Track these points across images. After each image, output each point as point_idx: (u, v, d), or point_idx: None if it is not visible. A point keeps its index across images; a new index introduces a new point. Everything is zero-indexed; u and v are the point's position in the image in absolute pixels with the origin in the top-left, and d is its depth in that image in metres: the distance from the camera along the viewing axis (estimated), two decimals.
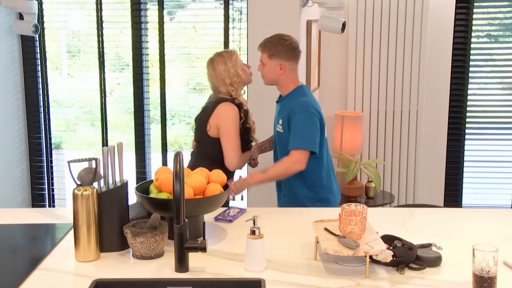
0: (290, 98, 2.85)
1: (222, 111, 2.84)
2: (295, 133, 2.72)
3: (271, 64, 2.82)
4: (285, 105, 2.84)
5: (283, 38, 2.83)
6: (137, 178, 4.59)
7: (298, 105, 2.76)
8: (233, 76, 2.87)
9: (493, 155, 4.48)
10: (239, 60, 2.94)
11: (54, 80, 4.76)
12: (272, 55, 2.80)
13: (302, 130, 2.71)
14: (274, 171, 2.75)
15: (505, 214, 2.42)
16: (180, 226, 1.73)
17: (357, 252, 1.73)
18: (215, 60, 2.92)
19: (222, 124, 2.83)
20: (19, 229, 2.24)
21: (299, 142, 2.70)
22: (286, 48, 2.81)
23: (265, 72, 2.86)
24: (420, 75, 4.15)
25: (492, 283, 1.56)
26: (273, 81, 2.88)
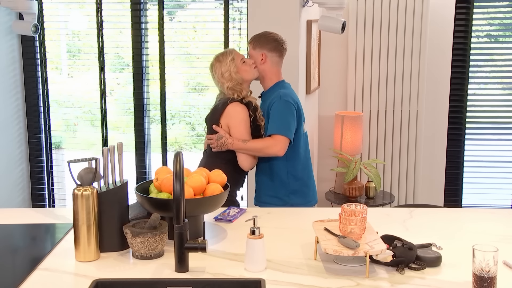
0: (271, 91, 2.95)
1: (232, 111, 2.84)
2: (273, 120, 2.82)
3: (254, 55, 2.93)
4: (267, 98, 2.94)
5: (269, 32, 2.98)
6: (137, 178, 4.59)
7: (277, 95, 2.88)
8: (228, 80, 2.87)
9: (493, 155, 4.48)
10: (236, 60, 2.90)
11: (54, 80, 4.76)
12: (256, 46, 2.93)
13: (279, 117, 2.82)
14: (253, 144, 2.80)
15: (505, 214, 2.42)
16: (180, 226, 1.73)
17: (357, 252, 1.73)
18: (214, 65, 2.93)
19: (233, 124, 2.83)
20: (19, 229, 2.24)
21: (276, 128, 2.81)
22: (269, 39, 2.94)
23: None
24: (420, 75, 4.15)
25: (492, 283, 1.56)
26: (260, 75, 2.96)
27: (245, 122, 2.83)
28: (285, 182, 2.94)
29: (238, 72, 2.88)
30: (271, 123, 2.83)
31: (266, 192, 2.99)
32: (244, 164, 2.86)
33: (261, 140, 2.84)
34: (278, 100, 2.85)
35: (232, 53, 2.92)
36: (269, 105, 2.87)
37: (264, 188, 3.00)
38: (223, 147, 2.80)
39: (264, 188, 3.00)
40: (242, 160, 2.86)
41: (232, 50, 2.94)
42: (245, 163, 2.86)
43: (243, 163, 2.86)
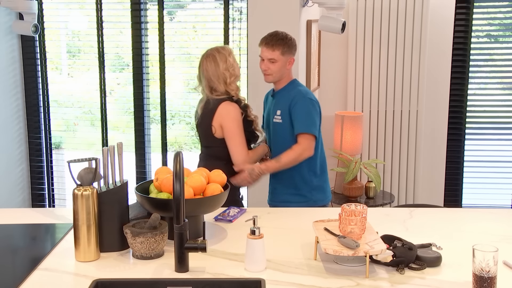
0: (286, 90, 2.94)
1: (223, 111, 2.82)
2: (300, 119, 2.83)
3: (283, 61, 2.89)
4: (283, 97, 2.93)
5: (287, 35, 2.93)
6: (137, 178, 4.59)
7: (299, 93, 2.89)
8: (231, 76, 2.86)
9: (493, 155, 4.48)
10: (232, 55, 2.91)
11: (54, 80, 4.76)
12: (285, 52, 2.88)
13: (306, 116, 2.84)
14: (287, 158, 2.82)
15: (505, 214, 2.42)
16: (180, 226, 1.73)
17: (357, 252, 1.73)
18: (217, 57, 2.85)
19: (225, 124, 2.82)
20: (19, 229, 2.24)
21: (304, 126, 2.83)
22: (294, 43, 2.93)
23: (275, 69, 2.89)
24: (420, 75, 4.15)
25: (492, 283, 1.56)
26: (280, 77, 2.93)
27: (237, 121, 2.82)
28: (307, 179, 2.94)
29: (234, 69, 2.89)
30: (298, 122, 2.84)
31: (286, 190, 2.97)
32: (237, 162, 2.82)
33: (290, 150, 2.82)
34: (302, 98, 2.86)
35: (230, 49, 2.92)
36: (290, 104, 2.86)
37: (284, 186, 2.98)
38: (258, 177, 2.82)
39: (284, 187, 2.98)
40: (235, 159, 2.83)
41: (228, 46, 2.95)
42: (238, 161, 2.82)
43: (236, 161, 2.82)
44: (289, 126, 2.88)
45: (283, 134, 2.91)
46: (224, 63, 2.85)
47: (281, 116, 2.91)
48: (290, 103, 2.86)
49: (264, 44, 2.90)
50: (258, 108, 3.69)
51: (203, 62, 2.87)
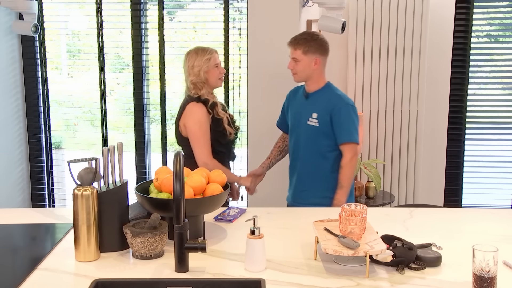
0: (323, 93, 2.94)
1: (188, 112, 2.89)
2: (344, 127, 2.86)
3: (306, 60, 2.89)
4: (320, 100, 2.92)
5: (315, 34, 2.94)
6: (137, 178, 4.59)
7: (340, 100, 2.89)
8: (193, 75, 2.89)
9: (493, 155, 4.48)
10: (211, 61, 2.92)
11: (54, 80, 4.76)
12: (307, 51, 2.88)
13: (350, 124, 2.87)
14: (347, 178, 2.87)
15: (505, 214, 2.42)
16: (180, 226, 1.73)
17: (357, 252, 1.73)
18: (189, 54, 2.95)
19: (188, 124, 2.89)
20: (19, 229, 2.24)
21: (349, 135, 2.86)
22: (320, 43, 2.91)
23: (299, 69, 2.91)
24: (420, 75, 4.15)
25: (492, 283, 1.56)
26: (307, 77, 2.93)
27: (199, 122, 2.86)
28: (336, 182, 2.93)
29: (207, 73, 2.90)
30: (342, 131, 2.85)
31: (316, 193, 2.96)
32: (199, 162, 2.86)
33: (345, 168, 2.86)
34: (346, 105, 2.87)
35: (212, 53, 2.93)
36: (332, 109, 2.85)
37: (314, 189, 2.97)
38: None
39: (314, 190, 2.97)
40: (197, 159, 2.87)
41: (213, 51, 2.96)
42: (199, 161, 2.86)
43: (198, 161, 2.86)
44: (325, 131, 2.88)
45: (317, 138, 2.91)
46: (193, 61, 2.90)
47: (318, 120, 2.89)
48: (332, 110, 2.86)
49: (289, 43, 2.94)
50: (257, 107, 3.69)
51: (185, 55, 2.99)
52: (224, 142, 2.95)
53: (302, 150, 2.97)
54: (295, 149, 3.02)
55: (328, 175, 2.93)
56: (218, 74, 2.94)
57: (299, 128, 2.98)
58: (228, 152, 3.01)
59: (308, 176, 2.98)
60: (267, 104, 3.66)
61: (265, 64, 3.61)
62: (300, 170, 3.00)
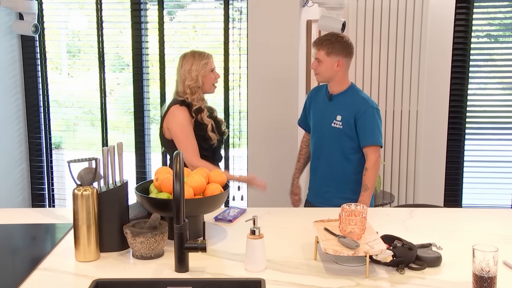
0: (348, 95, 2.94)
1: (170, 115, 2.88)
2: (368, 130, 2.87)
3: (328, 61, 2.89)
4: (345, 103, 2.92)
5: (340, 35, 2.93)
6: (137, 178, 4.59)
7: (365, 102, 2.90)
8: (191, 80, 2.88)
9: (493, 155, 4.48)
10: (208, 66, 2.91)
11: (54, 80, 4.76)
12: (331, 52, 2.88)
13: (374, 127, 2.88)
14: (372, 180, 2.88)
15: (505, 214, 2.42)
16: (180, 226, 1.73)
17: (357, 252, 1.73)
18: (186, 57, 2.92)
19: (171, 127, 2.88)
20: (19, 229, 2.24)
21: (373, 138, 2.87)
22: (343, 45, 2.90)
23: (322, 69, 2.91)
24: (420, 75, 4.15)
25: (492, 283, 1.56)
26: (329, 78, 2.94)
27: (181, 125, 2.85)
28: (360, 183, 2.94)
29: (204, 78, 2.89)
30: (366, 134, 2.87)
31: (340, 194, 2.96)
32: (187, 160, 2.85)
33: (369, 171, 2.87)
34: (370, 108, 2.88)
35: (209, 58, 2.92)
36: (357, 112, 2.87)
37: (338, 191, 2.99)
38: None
39: (338, 191, 2.99)
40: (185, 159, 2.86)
41: (210, 55, 2.94)
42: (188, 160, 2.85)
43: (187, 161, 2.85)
44: (349, 133, 2.90)
45: (341, 140, 2.92)
46: (190, 65, 2.88)
47: (342, 122, 2.90)
48: (357, 112, 2.87)
49: (313, 43, 2.95)
50: (257, 107, 3.69)
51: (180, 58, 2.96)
52: (206, 146, 2.94)
53: (325, 151, 2.99)
54: (318, 149, 3.03)
55: (351, 177, 2.95)
56: (213, 80, 2.93)
57: (322, 129, 2.99)
58: (213, 155, 3.00)
59: (331, 177, 2.99)
60: (267, 104, 3.66)
61: (265, 64, 3.62)
62: (324, 170, 3.02)
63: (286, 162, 3.68)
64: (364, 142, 2.88)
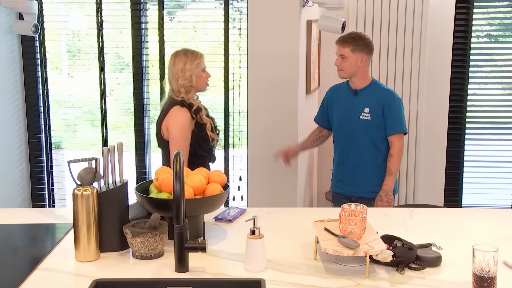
0: (372, 88, 3.17)
1: (172, 116, 2.86)
2: (395, 119, 3.12)
3: (353, 58, 3.11)
4: (371, 95, 3.15)
5: (362, 34, 3.18)
6: (137, 178, 4.59)
7: (390, 94, 3.17)
8: (184, 79, 2.87)
9: (493, 155, 4.48)
10: (201, 65, 2.91)
11: (54, 80, 4.76)
12: (355, 49, 3.10)
13: (401, 115, 3.15)
14: (397, 166, 3.13)
15: (505, 214, 2.42)
16: (180, 226, 1.73)
17: (357, 252, 1.73)
18: (178, 56, 2.90)
19: (170, 128, 2.86)
20: (19, 229, 2.24)
21: (401, 126, 3.13)
22: (367, 43, 3.14)
23: (346, 65, 3.13)
24: (420, 75, 4.15)
25: (492, 283, 1.56)
26: (352, 74, 3.15)
27: (181, 127, 2.84)
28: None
29: (197, 77, 2.89)
30: (393, 123, 3.12)
31: (372, 182, 3.18)
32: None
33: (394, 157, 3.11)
34: (396, 99, 3.14)
35: (201, 58, 2.92)
36: (384, 103, 3.11)
37: (370, 179, 3.19)
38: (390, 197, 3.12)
39: (370, 179, 3.19)
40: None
41: (202, 55, 2.95)
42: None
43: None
44: (377, 123, 3.12)
45: (370, 131, 3.14)
46: (183, 64, 2.87)
47: (371, 114, 3.12)
48: (384, 103, 3.11)
49: (337, 41, 3.16)
50: (257, 107, 3.69)
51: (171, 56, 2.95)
52: (206, 147, 2.94)
53: (355, 143, 3.19)
54: (347, 142, 3.22)
55: (380, 164, 3.17)
56: (205, 79, 2.94)
57: (350, 122, 3.19)
58: (209, 155, 3.01)
59: (363, 166, 3.19)
60: (267, 104, 3.66)
61: (265, 64, 3.61)
62: (355, 161, 3.21)
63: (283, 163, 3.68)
64: (391, 131, 3.12)
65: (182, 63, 2.88)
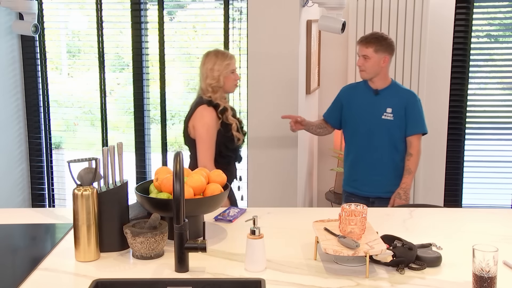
0: (393, 89, 3.21)
1: (198, 114, 2.90)
2: (417, 120, 3.17)
3: (376, 58, 3.12)
4: (393, 96, 3.18)
5: (384, 34, 3.20)
6: (137, 178, 4.59)
7: (412, 94, 3.22)
8: (212, 79, 2.89)
9: (493, 155, 4.48)
10: (230, 67, 2.93)
11: (54, 80, 4.76)
12: (379, 49, 3.12)
13: (422, 116, 3.21)
14: (416, 165, 3.17)
15: (505, 214, 2.42)
16: (180, 226, 1.73)
17: (357, 252, 1.73)
18: (208, 56, 2.95)
19: (197, 126, 2.90)
20: (19, 229, 2.24)
21: (423, 126, 3.19)
22: (389, 43, 3.16)
23: (369, 65, 3.14)
24: (420, 75, 4.15)
25: (492, 283, 1.56)
26: (375, 74, 3.16)
27: (207, 126, 2.87)
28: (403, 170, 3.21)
29: (225, 78, 2.90)
30: (415, 123, 3.16)
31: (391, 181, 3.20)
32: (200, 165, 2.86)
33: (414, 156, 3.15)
34: (417, 100, 3.20)
35: (232, 59, 2.94)
36: (407, 103, 3.15)
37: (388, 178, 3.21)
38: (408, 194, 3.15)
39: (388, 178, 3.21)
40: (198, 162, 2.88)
41: (233, 56, 2.97)
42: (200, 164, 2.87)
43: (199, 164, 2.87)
44: (399, 123, 3.14)
45: (392, 130, 3.16)
46: (213, 64, 2.90)
47: (393, 114, 3.14)
48: (407, 104, 3.15)
49: (360, 42, 3.17)
50: (257, 107, 3.69)
51: (203, 56, 3.00)
52: (232, 147, 2.96)
53: (375, 142, 3.19)
54: (366, 142, 3.21)
55: (398, 164, 3.19)
56: (233, 80, 2.95)
57: (371, 122, 3.19)
58: (235, 155, 3.04)
59: (381, 166, 3.20)
60: (267, 104, 3.66)
61: (265, 64, 3.61)
62: (373, 161, 3.21)
63: (286, 162, 3.68)
64: (412, 131, 3.16)
65: (212, 63, 2.91)
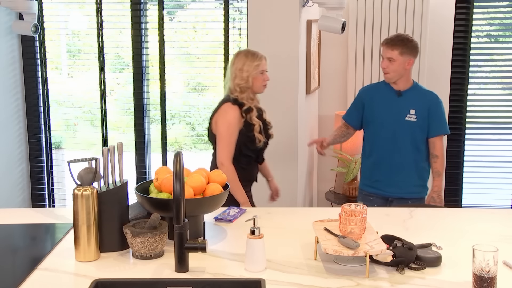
0: (416, 90, 3.21)
1: (222, 111, 2.92)
2: (442, 120, 3.19)
3: (401, 60, 3.10)
4: (417, 97, 3.18)
5: (409, 37, 3.18)
6: (137, 178, 4.59)
7: (435, 96, 3.21)
8: (241, 79, 2.89)
9: (493, 155, 4.48)
10: (259, 67, 2.92)
11: (54, 80, 4.76)
12: (404, 52, 3.10)
13: (445, 117, 3.24)
14: (443, 167, 3.21)
15: (505, 214, 2.42)
16: (180, 226, 1.73)
17: (357, 252, 1.73)
18: (238, 56, 2.95)
19: (218, 123, 2.91)
20: (19, 229, 2.24)
21: (446, 127, 3.23)
22: (414, 46, 3.16)
23: (393, 68, 3.12)
24: (420, 75, 4.15)
25: (492, 283, 1.56)
26: (399, 76, 3.15)
27: (229, 123, 2.88)
28: (428, 170, 3.25)
29: (254, 79, 2.90)
30: (439, 124, 3.18)
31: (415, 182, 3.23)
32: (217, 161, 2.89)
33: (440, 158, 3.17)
34: (440, 101, 3.19)
35: (261, 60, 2.93)
36: (430, 105, 3.15)
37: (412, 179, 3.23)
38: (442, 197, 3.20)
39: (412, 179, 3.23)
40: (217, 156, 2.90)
41: (263, 57, 2.96)
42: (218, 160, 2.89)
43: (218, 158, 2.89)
44: (422, 125, 3.14)
45: (416, 132, 3.16)
46: (242, 64, 2.90)
47: (416, 115, 3.14)
48: (430, 105, 3.15)
49: (385, 44, 3.14)
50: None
51: (233, 55, 3.02)
52: (252, 147, 2.95)
53: (398, 143, 3.18)
54: (389, 143, 3.20)
55: (420, 165, 3.21)
56: (262, 81, 2.95)
57: (394, 123, 3.18)
58: (256, 156, 3.03)
59: (403, 167, 3.20)
60: (267, 104, 3.66)
61: None
62: (395, 162, 3.21)
63: (286, 162, 3.68)
64: (436, 132, 3.17)
65: (241, 63, 2.91)
